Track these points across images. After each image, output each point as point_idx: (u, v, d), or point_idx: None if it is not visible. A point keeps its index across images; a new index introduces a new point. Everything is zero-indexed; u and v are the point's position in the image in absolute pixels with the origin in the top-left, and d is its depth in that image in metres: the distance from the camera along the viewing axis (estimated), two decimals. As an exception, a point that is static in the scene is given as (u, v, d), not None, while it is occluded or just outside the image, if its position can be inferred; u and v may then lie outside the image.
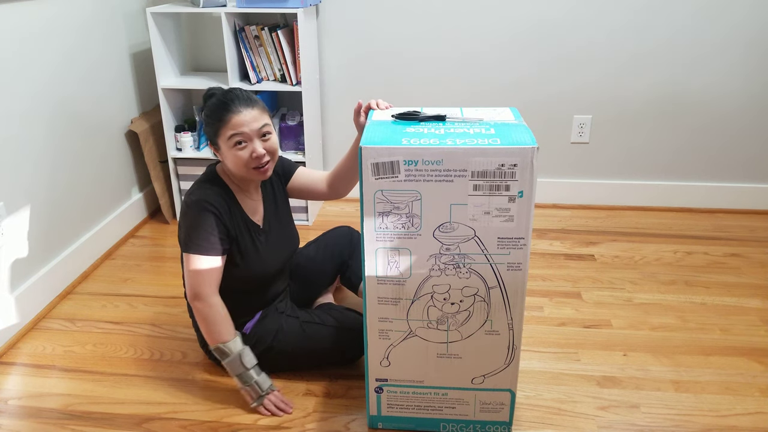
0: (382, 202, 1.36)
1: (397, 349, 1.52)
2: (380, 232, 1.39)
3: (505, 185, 1.32)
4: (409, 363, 1.53)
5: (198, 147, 2.79)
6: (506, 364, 1.51)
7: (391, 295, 1.46)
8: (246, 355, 1.64)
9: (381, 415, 1.61)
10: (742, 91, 2.69)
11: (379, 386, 1.57)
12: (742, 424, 1.63)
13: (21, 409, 1.72)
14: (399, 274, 1.43)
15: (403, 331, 1.49)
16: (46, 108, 2.16)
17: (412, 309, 1.46)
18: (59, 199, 2.26)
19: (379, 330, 1.50)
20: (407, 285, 1.44)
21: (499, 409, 1.56)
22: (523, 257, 1.39)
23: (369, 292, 1.46)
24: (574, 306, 2.16)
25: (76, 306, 2.21)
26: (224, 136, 1.59)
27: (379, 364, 1.54)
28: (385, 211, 1.37)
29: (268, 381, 1.69)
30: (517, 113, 1.52)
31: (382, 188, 1.35)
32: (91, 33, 2.41)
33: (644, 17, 2.62)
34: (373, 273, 1.43)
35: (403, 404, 1.59)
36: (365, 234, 1.40)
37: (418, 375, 1.54)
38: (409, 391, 1.57)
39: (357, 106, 1.67)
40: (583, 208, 2.95)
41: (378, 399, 1.59)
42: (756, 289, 2.25)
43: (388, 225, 1.38)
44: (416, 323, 1.48)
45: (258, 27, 2.56)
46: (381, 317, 1.48)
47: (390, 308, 1.47)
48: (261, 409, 1.67)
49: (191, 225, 1.61)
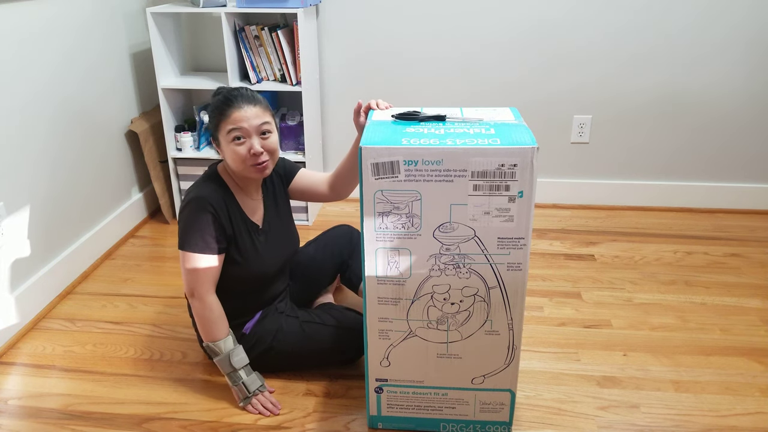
0: (382, 202, 1.36)
1: (397, 349, 1.52)
2: (380, 232, 1.39)
3: (505, 185, 1.32)
4: (409, 363, 1.53)
5: (198, 147, 2.79)
6: (506, 364, 1.51)
7: (391, 295, 1.45)
8: (236, 355, 1.65)
9: (381, 415, 1.61)
10: (742, 90, 2.69)
11: (379, 386, 1.57)
12: (742, 424, 1.63)
13: (21, 409, 1.72)
14: (399, 274, 1.43)
15: (403, 331, 1.49)
16: (46, 108, 2.16)
17: (412, 309, 1.46)
18: (59, 199, 2.26)
19: (379, 330, 1.50)
20: (407, 285, 1.44)
21: (499, 409, 1.56)
22: (523, 257, 1.39)
23: (369, 292, 1.46)
24: (574, 306, 2.16)
25: (76, 306, 2.21)
26: (224, 131, 1.60)
27: (379, 364, 1.54)
28: (385, 211, 1.37)
29: (257, 382, 1.70)
30: (517, 113, 1.52)
31: (382, 188, 1.35)
32: (91, 33, 2.41)
33: (644, 17, 2.62)
34: (373, 273, 1.43)
35: (403, 404, 1.59)
36: (365, 234, 1.39)
37: (418, 375, 1.54)
38: (409, 392, 1.57)
39: (357, 106, 1.67)
40: (583, 208, 2.95)
41: (378, 399, 1.59)
42: (756, 289, 2.25)
43: (388, 225, 1.38)
44: (416, 323, 1.48)
45: (258, 27, 2.56)
46: (381, 317, 1.48)
47: (390, 308, 1.47)
48: (249, 407, 1.69)
49: (187, 223, 1.62)
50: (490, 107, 1.60)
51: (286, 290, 1.91)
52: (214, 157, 2.72)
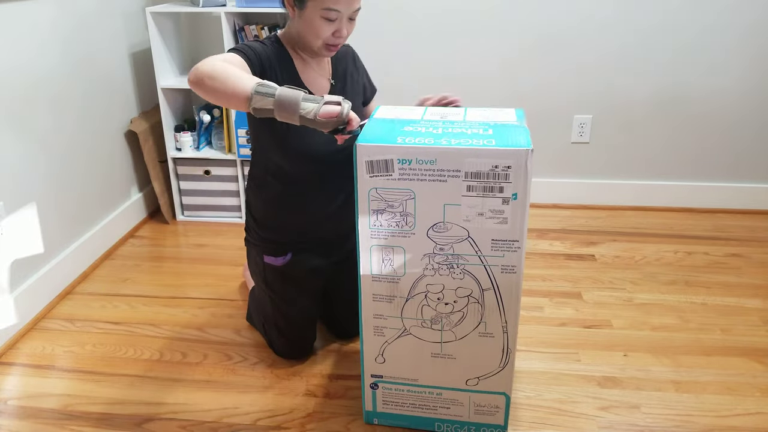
0: (376, 199, 1.36)
1: (392, 346, 1.52)
2: (374, 230, 1.40)
3: (498, 187, 1.31)
4: (404, 361, 1.53)
5: (197, 147, 2.79)
6: (501, 368, 1.50)
7: (385, 293, 1.46)
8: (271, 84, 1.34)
9: (376, 411, 1.62)
10: (743, 90, 2.69)
11: (374, 382, 1.58)
12: (742, 425, 1.63)
13: (20, 410, 1.71)
14: (393, 271, 1.43)
15: (398, 328, 1.50)
16: (45, 107, 2.16)
17: (407, 307, 1.47)
18: (59, 199, 2.25)
19: (374, 326, 1.50)
20: (401, 283, 1.44)
21: (494, 412, 1.56)
22: (517, 260, 1.38)
23: (364, 289, 1.47)
24: (575, 306, 2.16)
25: (75, 306, 2.21)
26: (320, 4, 1.51)
27: (374, 360, 1.55)
28: (379, 209, 1.37)
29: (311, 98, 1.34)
30: (521, 114, 1.51)
31: (376, 186, 1.35)
32: (91, 33, 2.41)
33: (644, 17, 2.62)
34: (368, 270, 1.44)
35: (398, 401, 1.59)
36: (360, 231, 1.40)
37: (412, 373, 1.55)
38: (403, 389, 1.57)
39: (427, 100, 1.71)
40: (583, 208, 2.94)
41: (373, 395, 1.60)
42: (756, 289, 2.25)
43: (383, 223, 1.38)
44: (410, 321, 1.48)
45: (258, 27, 2.56)
46: (376, 314, 1.49)
47: (384, 305, 1.48)
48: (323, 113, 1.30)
49: None
50: (497, 107, 1.59)
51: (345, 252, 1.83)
52: (214, 156, 2.72)
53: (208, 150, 2.79)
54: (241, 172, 2.74)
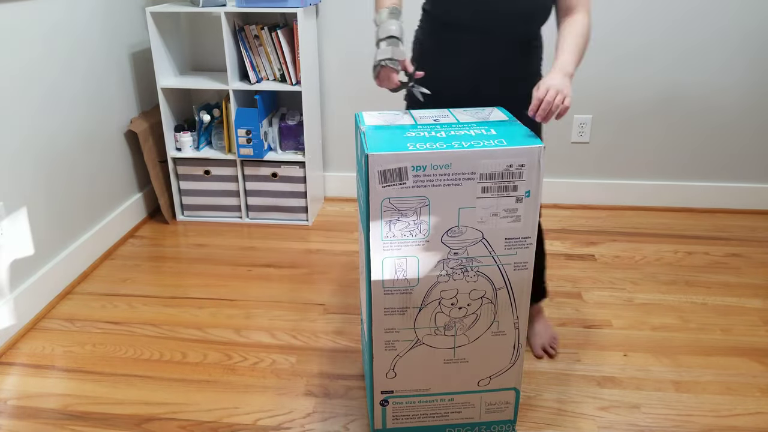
0: (389, 210, 1.32)
1: (404, 360, 1.49)
2: (387, 242, 1.35)
3: (512, 186, 1.31)
4: (416, 372, 1.50)
5: (197, 147, 2.79)
6: (512, 363, 1.51)
7: (398, 305, 1.42)
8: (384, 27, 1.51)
9: (386, 429, 1.58)
10: (743, 90, 2.69)
11: (384, 399, 1.53)
12: (742, 425, 1.63)
13: (20, 410, 1.71)
14: (406, 282, 1.40)
15: (410, 340, 1.46)
16: (45, 107, 2.16)
17: (420, 317, 1.44)
18: (58, 199, 2.25)
19: (386, 341, 1.46)
20: (414, 293, 1.41)
21: (504, 408, 1.56)
22: (529, 256, 1.38)
23: (375, 303, 1.42)
24: (575, 306, 2.16)
25: (75, 306, 2.21)
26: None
27: (385, 376, 1.50)
28: (392, 219, 1.33)
29: (386, 54, 1.48)
30: (507, 112, 1.51)
31: (389, 196, 1.31)
32: (91, 32, 2.41)
33: (645, 17, 2.62)
34: (380, 284, 1.40)
35: (409, 414, 1.56)
36: (372, 244, 1.35)
37: (424, 383, 1.52)
38: (415, 401, 1.54)
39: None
40: (583, 208, 2.94)
41: (383, 412, 1.55)
42: (756, 289, 2.25)
43: (396, 233, 1.35)
44: (423, 331, 1.45)
45: (258, 26, 2.56)
46: (387, 328, 1.44)
47: (396, 318, 1.44)
48: (377, 80, 1.53)
49: None
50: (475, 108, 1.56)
51: None
52: (214, 156, 2.72)
53: (208, 150, 2.79)
54: (241, 172, 2.74)
